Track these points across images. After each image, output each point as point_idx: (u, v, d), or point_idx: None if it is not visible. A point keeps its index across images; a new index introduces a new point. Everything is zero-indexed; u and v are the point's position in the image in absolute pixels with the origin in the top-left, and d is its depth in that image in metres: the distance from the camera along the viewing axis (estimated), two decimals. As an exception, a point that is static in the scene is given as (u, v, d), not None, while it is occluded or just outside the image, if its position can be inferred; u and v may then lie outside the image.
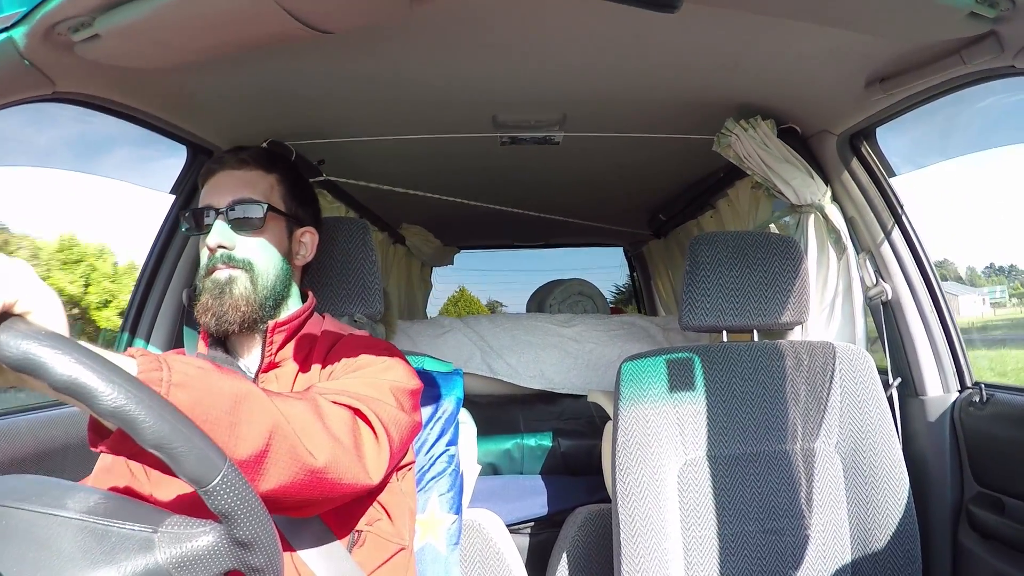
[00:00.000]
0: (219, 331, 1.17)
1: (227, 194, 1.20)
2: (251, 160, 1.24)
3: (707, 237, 1.64)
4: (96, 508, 0.65)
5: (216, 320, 1.15)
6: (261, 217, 1.20)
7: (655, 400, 1.52)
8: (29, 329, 0.61)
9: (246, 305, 1.16)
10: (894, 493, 1.49)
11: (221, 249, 1.17)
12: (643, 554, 1.43)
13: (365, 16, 1.12)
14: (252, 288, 1.17)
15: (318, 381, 1.16)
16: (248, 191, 1.21)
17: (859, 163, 1.77)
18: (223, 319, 1.15)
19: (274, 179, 1.26)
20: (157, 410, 0.62)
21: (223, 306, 1.15)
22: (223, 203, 1.19)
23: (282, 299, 1.22)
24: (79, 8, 1.00)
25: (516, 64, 1.57)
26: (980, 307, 13.85)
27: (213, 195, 1.21)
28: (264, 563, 0.66)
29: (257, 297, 1.17)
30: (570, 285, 4.05)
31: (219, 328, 1.16)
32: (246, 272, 1.18)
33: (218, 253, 1.17)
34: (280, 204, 1.25)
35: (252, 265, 1.19)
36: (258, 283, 1.18)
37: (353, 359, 1.15)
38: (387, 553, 1.16)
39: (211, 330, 1.18)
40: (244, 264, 1.18)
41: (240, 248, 1.18)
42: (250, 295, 1.17)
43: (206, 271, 1.18)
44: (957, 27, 1.15)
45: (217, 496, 0.62)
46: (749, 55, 1.51)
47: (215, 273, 1.17)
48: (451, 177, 2.64)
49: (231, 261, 1.17)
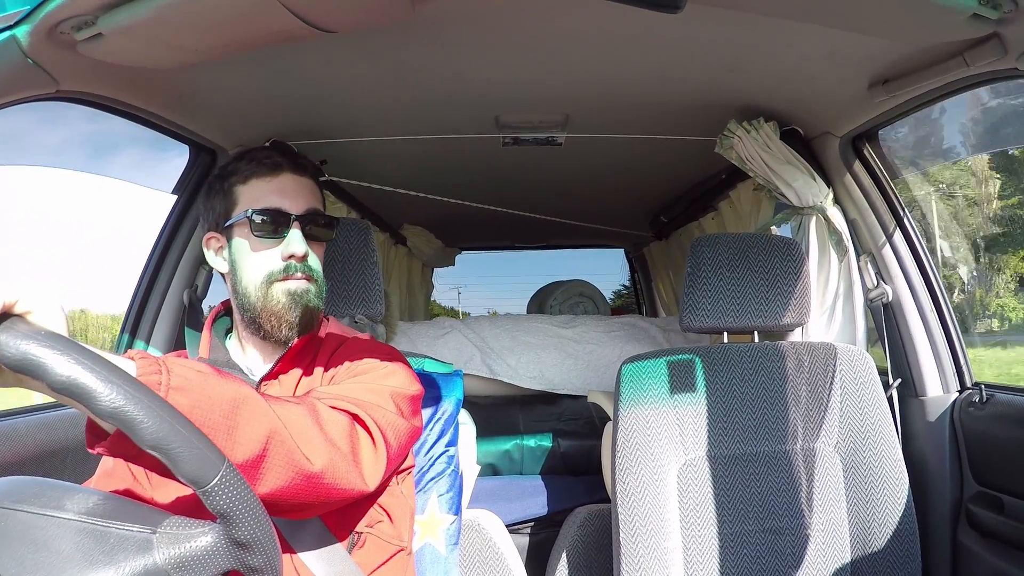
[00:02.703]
0: (286, 340, 1.16)
1: (300, 200, 1.18)
2: (308, 167, 1.24)
3: (708, 239, 1.64)
4: (95, 509, 0.65)
5: (289, 329, 1.15)
6: (332, 230, 1.22)
7: (655, 402, 1.52)
8: (29, 329, 0.61)
9: (315, 318, 1.17)
10: (894, 493, 1.49)
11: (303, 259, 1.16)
12: (643, 554, 1.43)
13: (368, 16, 1.12)
14: (319, 300, 1.18)
15: (320, 385, 1.15)
16: (315, 200, 1.21)
17: (861, 165, 1.77)
18: (300, 329, 1.15)
19: (320, 189, 1.26)
20: (155, 411, 0.62)
21: (302, 317, 1.15)
22: (298, 209, 1.17)
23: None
24: (82, 7, 1.00)
25: (519, 65, 1.57)
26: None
27: (283, 198, 1.17)
28: (263, 563, 0.66)
29: (320, 308, 1.18)
30: (571, 286, 4.05)
31: (288, 337, 1.15)
32: (315, 284, 1.17)
33: (296, 262, 1.15)
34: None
35: (318, 277, 1.19)
36: (321, 294, 1.19)
37: (355, 363, 1.15)
38: (387, 554, 1.16)
39: (276, 339, 1.16)
40: (316, 275, 1.18)
41: (312, 258, 1.18)
42: (318, 307, 1.18)
43: (278, 277, 1.15)
44: (959, 29, 1.15)
45: (216, 496, 0.62)
46: (752, 57, 1.51)
47: (291, 282, 1.15)
48: (453, 178, 2.64)
49: (309, 271, 1.16)
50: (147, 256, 1.78)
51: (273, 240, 1.16)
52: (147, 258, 1.78)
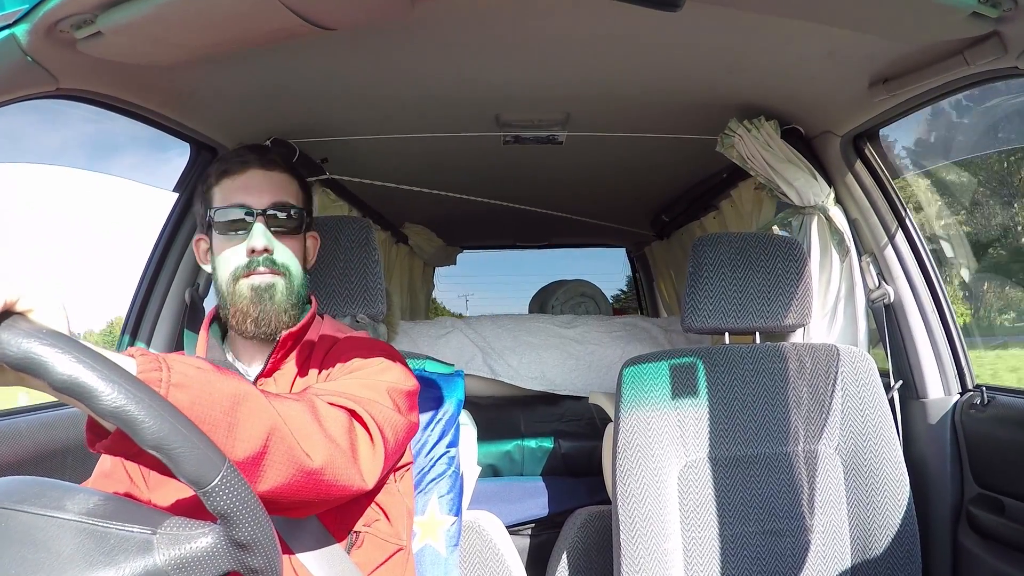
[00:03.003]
0: (257, 337, 1.16)
1: (265, 195, 1.18)
2: (279, 162, 1.23)
3: (710, 238, 1.64)
4: (95, 510, 0.65)
5: (256, 326, 1.15)
6: (300, 222, 1.21)
7: (656, 403, 1.51)
8: (30, 328, 0.61)
9: (285, 312, 1.16)
10: (894, 494, 1.49)
11: (265, 253, 1.15)
12: (643, 555, 1.43)
13: (367, 14, 1.12)
14: (289, 295, 1.17)
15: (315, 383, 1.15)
16: (284, 194, 1.20)
17: (862, 164, 1.77)
18: (265, 325, 1.15)
19: (297, 183, 1.25)
20: (157, 410, 0.61)
21: (267, 313, 1.14)
22: (262, 204, 1.17)
23: (304, 305, 1.22)
24: (81, 5, 1.00)
25: (519, 63, 1.57)
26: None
27: (247, 195, 1.17)
28: (263, 564, 0.65)
29: (292, 303, 1.17)
30: (572, 286, 4.05)
31: (257, 334, 1.16)
32: (284, 277, 1.17)
33: (261, 256, 1.15)
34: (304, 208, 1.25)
35: (289, 270, 1.18)
36: (293, 289, 1.18)
37: (351, 360, 1.14)
38: (385, 553, 1.16)
39: (248, 336, 1.17)
40: (283, 268, 1.17)
41: (279, 252, 1.17)
42: (287, 302, 1.17)
43: (242, 273, 1.15)
44: (959, 27, 1.15)
45: (216, 497, 0.62)
46: (752, 55, 1.51)
47: (255, 277, 1.15)
48: (454, 176, 2.64)
49: (273, 265, 1.16)
50: (148, 255, 1.78)
51: (239, 236, 1.16)
52: (148, 257, 1.77)
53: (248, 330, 1.15)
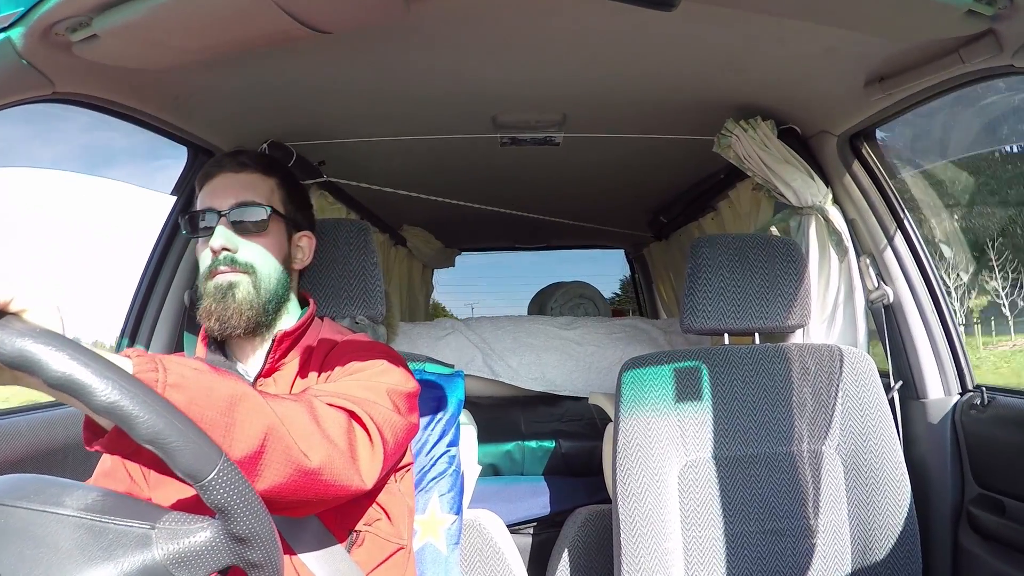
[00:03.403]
0: (222, 335, 1.17)
1: (229, 196, 1.19)
2: (251, 163, 1.24)
3: (708, 239, 1.64)
4: (94, 505, 0.65)
5: (220, 324, 1.15)
6: (264, 220, 1.20)
7: (656, 404, 1.51)
8: (24, 327, 0.61)
9: (250, 309, 1.16)
10: (895, 495, 1.49)
11: (224, 252, 1.16)
12: (643, 555, 1.43)
13: (362, 16, 1.12)
14: (255, 292, 1.17)
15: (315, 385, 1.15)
16: (250, 194, 1.21)
17: (860, 164, 1.77)
18: (227, 324, 1.15)
19: (274, 183, 1.25)
20: (152, 406, 0.62)
21: (227, 311, 1.15)
22: (225, 205, 1.18)
23: (282, 303, 1.22)
24: (76, 8, 1.00)
25: (515, 64, 1.57)
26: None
27: (214, 197, 1.20)
28: (262, 558, 0.65)
29: (260, 301, 1.17)
30: (571, 288, 4.05)
31: (223, 332, 1.16)
32: (249, 276, 1.17)
33: (221, 256, 1.16)
34: (281, 208, 1.25)
35: (255, 268, 1.18)
36: (260, 287, 1.18)
37: (351, 362, 1.15)
38: (386, 553, 1.16)
39: (214, 334, 1.18)
40: (247, 267, 1.18)
41: (243, 251, 1.18)
42: (253, 299, 1.17)
43: (208, 274, 1.17)
44: (955, 26, 1.15)
45: (214, 490, 0.62)
46: (748, 55, 1.51)
47: (217, 277, 1.16)
48: (451, 178, 2.64)
49: (234, 264, 1.17)
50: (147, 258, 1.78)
51: (207, 239, 1.18)
52: (147, 260, 1.77)
53: (213, 328, 1.16)
